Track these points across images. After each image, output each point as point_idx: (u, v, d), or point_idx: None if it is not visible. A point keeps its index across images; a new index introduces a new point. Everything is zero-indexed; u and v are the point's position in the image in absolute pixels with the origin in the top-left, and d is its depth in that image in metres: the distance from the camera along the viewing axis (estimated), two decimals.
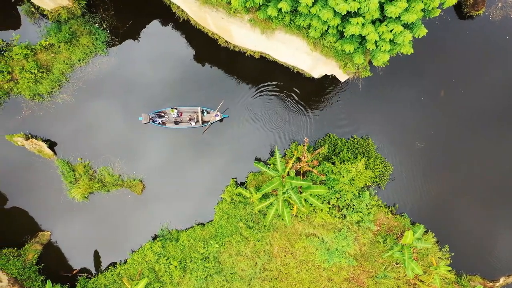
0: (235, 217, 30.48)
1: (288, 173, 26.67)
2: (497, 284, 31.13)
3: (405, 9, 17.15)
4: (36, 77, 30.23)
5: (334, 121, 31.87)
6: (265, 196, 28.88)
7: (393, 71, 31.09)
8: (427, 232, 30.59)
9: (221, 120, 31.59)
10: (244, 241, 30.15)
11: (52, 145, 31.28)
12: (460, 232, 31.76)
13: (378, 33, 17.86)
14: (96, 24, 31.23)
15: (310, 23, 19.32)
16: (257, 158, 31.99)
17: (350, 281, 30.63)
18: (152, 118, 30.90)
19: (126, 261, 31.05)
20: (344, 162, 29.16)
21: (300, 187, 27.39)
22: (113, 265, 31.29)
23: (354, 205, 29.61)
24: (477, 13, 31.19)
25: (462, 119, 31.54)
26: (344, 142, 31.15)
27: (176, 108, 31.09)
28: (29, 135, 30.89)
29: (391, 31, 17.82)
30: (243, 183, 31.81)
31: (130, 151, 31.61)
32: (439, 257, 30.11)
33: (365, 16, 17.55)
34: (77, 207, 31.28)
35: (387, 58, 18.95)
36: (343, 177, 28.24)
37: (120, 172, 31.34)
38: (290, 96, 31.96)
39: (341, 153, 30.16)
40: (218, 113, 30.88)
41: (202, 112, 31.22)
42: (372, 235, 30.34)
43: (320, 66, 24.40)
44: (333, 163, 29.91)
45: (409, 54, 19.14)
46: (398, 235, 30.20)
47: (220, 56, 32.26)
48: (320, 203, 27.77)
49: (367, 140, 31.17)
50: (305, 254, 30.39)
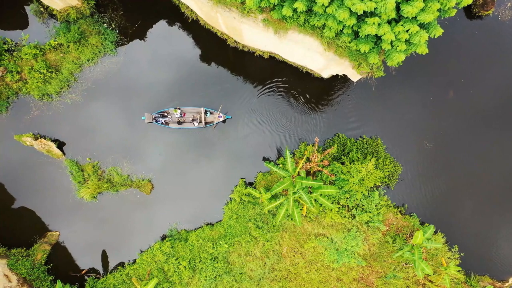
0: (244, 217, 30.45)
1: (299, 173, 26.64)
2: (506, 285, 31.12)
3: (422, 9, 17.14)
4: (45, 77, 30.19)
5: (342, 121, 31.83)
6: (274, 196, 28.84)
7: (402, 71, 31.04)
8: (436, 232, 30.56)
9: (224, 121, 31.50)
10: (253, 241, 30.13)
11: (60, 145, 31.24)
12: (469, 232, 31.74)
13: (394, 33, 17.84)
14: (105, 24, 31.18)
15: (324, 23, 19.30)
16: (265, 158, 31.95)
17: (359, 281, 30.60)
18: (155, 118, 30.84)
19: (135, 261, 31.03)
20: (354, 162, 29.13)
21: (310, 187, 27.35)
22: (122, 265, 31.27)
23: (363, 205, 29.56)
24: (486, 13, 31.15)
25: (471, 119, 31.50)
26: (353, 142, 31.11)
27: (179, 108, 31.02)
28: (37, 135, 30.86)
29: (407, 31, 17.80)
30: (251, 183, 31.78)
31: (137, 151, 31.58)
32: (448, 257, 30.08)
33: (381, 16, 17.52)
34: (86, 207, 31.25)
35: (403, 58, 18.92)
36: (352, 177, 28.18)
37: (129, 172, 31.30)
38: (299, 96, 31.92)
39: (350, 153, 30.13)
40: (221, 114, 30.85)
41: (205, 112, 31.16)
42: (381, 235, 30.30)
43: (333, 66, 24.34)
44: (343, 163, 29.87)
45: (424, 54, 19.11)
46: (408, 235, 30.17)
47: (227, 56, 32.24)
48: (330, 203, 27.73)
49: (376, 140, 31.13)
50: (314, 254, 30.36)
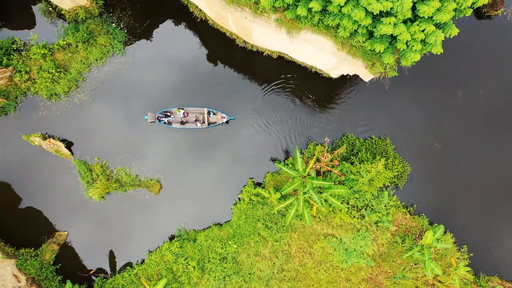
0: (253, 217, 30.41)
1: (309, 173, 26.58)
2: None
3: (438, 8, 17.10)
4: (53, 77, 30.15)
5: (351, 121, 31.79)
6: (284, 197, 28.79)
7: (411, 71, 30.98)
8: (445, 232, 30.48)
9: (227, 122, 31.43)
10: (262, 242, 30.09)
11: (68, 145, 31.21)
12: (477, 233, 31.70)
13: (410, 33, 17.79)
14: (114, 24, 31.13)
15: (339, 23, 19.25)
16: (272, 158, 31.90)
17: (368, 281, 30.57)
18: (158, 118, 30.79)
19: (143, 261, 31.00)
20: (363, 162, 29.09)
21: (320, 187, 27.31)
22: (130, 265, 31.23)
23: (373, 205, 29.52)
24: (495, 13, 31.10)
25: (480, 119, 31.45)
26: (362, 142, 31.07)
27: (182, 109, 30.97)
28: (46, 135, 30.82)
29: (423, 31, 17.76)
30: (259, 183, 31.72)
31: (145, 151, 31.55)
32: (457, 258, 30.02)
33: (397, 16, 17.48)
34: (94, 207, 31.21)
35: (418, 58, 18.87)
36: (362, 177, 28.16)
37: (137, 172, 31.26)
38: (306, 96, 31.88)
39: (359, 153, 30.08)
40: (224, 115, 30.81)
41: (209, 113, 31.10)
42: (390, 236, 30.26)
43: (344, 66, 24.30)
44: (352, 163, 29.83)
45: (438, 54, 19.06)
46: (417, 236, 30.11)
47: (235, 56, 32.20)
48: (339, 203, 27.68)
49: (385, 140, 31.09)
50: (323, 255, 30.32)
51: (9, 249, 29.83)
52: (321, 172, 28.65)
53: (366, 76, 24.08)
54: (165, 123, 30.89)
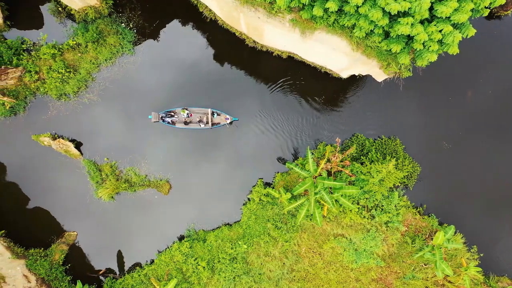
0: (263, 217, 30.38)
1: (320, 174, 26.56)
2: None
3: (455, 9, 17.07)
4: (63, 77, 30.12)
5: (360, 121, 31.75)
6: (294, 197, 28.77)
7: (420, 70, 30.96)
8: (455, 233, 30.45)
9: (231, 123, 31.41)
10: (272, 242, 30.06)
11: (78, 145, 31.18)
12: (487, 233, 31.66)
13: (427, 33, 17.77)
14: (123, 24, 31.10)
15: (355, 23, 19.23)
16: (280, 159, 31.87)
17: (378, 281, 30.54)
18: (162, 117, 30.76)
19: (152, 262, 30.96)
20: (373, 162, 29.06)
21: (330, 187, 27.27)
22: (139, 265, 31.20)
23: (383, 205, 29.49)
24: (506, 13, 31.08)
25: (490, 119, 31.41)
26: (372, 142, 31.04)
27: (186, 109, 30.95)
28: (55, 135, 30.79)
29: (440, 31, 17.73)
30: (268, 183, 31.69)
31: (154, 151, 31.52)
32: (467, 258, 30.00)
33: (414, 16, 17.45)
34: (104, 207, 31.18)
35: (435, 58, 18.86)
36: (373, 177, 28.12)
37: (146, 172, 31.23)
38: (315, 97, 31.84)
39: (369, 153, 30.05)
40: (228, 116, 30.79)
41: (212, 114, 31.07)
42: (400, 236, 30.22)
43: (357, 66, 24.28)
44: (362, 164, 29.80)
45: (454, 54, 19.05)
46: (427, 236, 30.08)
47: (244, 56, 32.15)
48: (350, 203, 27.65)
49: (395, 140, 31.06)
50: (333, 255, 30.29)
51: (19, 249, 29.81)
52: (332, 172, 28.61)
53: (380, 76, 24.05)
54: (168, 123, 30.88)
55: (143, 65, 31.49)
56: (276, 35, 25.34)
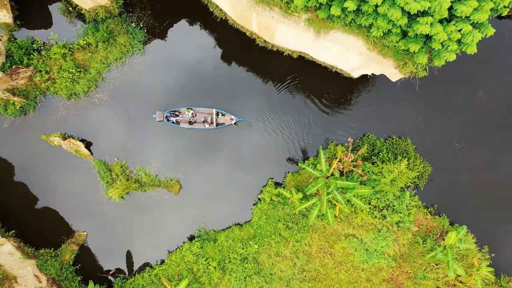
0: (274, 217, 30.31)
1: (333, 174, 26.50)
2: None
3: (475, 8, 17.01)
4: (73, 77, 30.06)
5: (371, 121, 31.67)
6: (305, 197, 28.71)
7: (433, 70, 30.88)
8: (466, 233, 30.38)
9: (235, 123, 31.34)
10: (283, 242, 29.99)
11: (88, 145, 31.11)
12: (497, 233, 31.59)
13: (447, 32, 17.69)
14: (133, 24, 31.03)
15: (372, 22, 19.15)
16: (289, 159, 31.79)
17: (388, 282, 30.48)
18: (167, 117, 30.69)
19: (162, 262, 30.91)
20: (385, 162, 28.99)
21: (343, 187, 27.20)
22: (149, 265, 31.14)
23: (394, 205, 29.41)
24: None
25: (501, 119, 31.34)
26: (383, 142, 30.97)
27: (191, 109, 30.88)
28: (65, 135, 30.73)
29: (459, 30, 17.66)
30: (278, 183, 31.61)
31: (164, 151, 31.46)
32: (478, 258, 29.94)
33: (433, 16, 17.38)
34: (114, 208, 31.12)
35: (454, 57, 18.80)
36: (384, 177, 28.07)
37: (157, 172, 31.16)
38: (325, 96, 31.75)
39: (380, 153, 29.97)
40: (233, 116, 30.74)
41: (217, 114, 31.01)
42: (411, 236, 30.14)
43: (371, 66, 24.20)
44: (373, 163, 29.73)
45: (472, 54, 18.99)
46: (438, 236, 30.02)
47: (254, 55, 32.04)
48: (362, 203, 27.58)
49: (406, 140, 30.99)
50: (344, 255, 30.23)
51: (29, 250, 29.77)
52: (344, 172, 28.55)
53: (394, 76, 23.96)
54: (173, 122, 30.82)
55: (153, 65, 31.41)
56: (288, 34, 25.26)
